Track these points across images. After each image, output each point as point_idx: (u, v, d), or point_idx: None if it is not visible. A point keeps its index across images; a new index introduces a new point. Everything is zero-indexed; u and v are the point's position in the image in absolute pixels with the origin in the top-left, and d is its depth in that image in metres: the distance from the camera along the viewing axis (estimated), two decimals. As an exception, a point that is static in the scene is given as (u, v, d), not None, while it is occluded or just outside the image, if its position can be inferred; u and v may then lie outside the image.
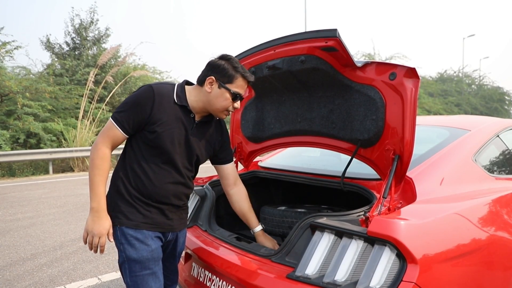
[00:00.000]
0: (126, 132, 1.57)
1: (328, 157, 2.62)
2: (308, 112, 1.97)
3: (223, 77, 1.60)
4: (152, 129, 1.56)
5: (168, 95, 1.60)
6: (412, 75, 1.57)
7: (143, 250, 1.56)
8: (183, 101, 1.62)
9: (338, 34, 1.59)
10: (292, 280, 1.39)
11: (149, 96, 1.56)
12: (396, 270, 1.25)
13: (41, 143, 11.29)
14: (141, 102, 1.55)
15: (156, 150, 1.59)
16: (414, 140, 1.58)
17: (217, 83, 1.61)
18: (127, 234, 1.56)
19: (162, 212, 1.63)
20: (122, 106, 1.57)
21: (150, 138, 1.58)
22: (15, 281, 3.21)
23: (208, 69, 1.63)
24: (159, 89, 1.59)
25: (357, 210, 1.56)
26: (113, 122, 1.56)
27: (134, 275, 1.56)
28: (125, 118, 1.55)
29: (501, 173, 2.12)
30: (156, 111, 1.56)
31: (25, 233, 4.62)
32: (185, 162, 1.67)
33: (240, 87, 1.63)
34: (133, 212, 1.58)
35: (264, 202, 2.49)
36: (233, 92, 1.61)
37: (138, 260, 1.55)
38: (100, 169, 1.53)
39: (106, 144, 1.56)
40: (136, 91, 1.60)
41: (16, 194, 7.31)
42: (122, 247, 1.57)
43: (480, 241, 1.50)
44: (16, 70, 14.82)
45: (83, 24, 14.99)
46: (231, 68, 1.61)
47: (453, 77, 32.88)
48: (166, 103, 1.59)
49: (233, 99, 1.63)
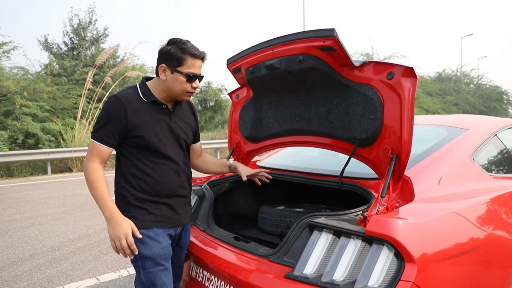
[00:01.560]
0: (110, 146, 1.62)
1: (326, 156, 2.62)
2: (306, 111, 1.97)
3: (173, 61, 1.63)
4: (134, 134, 1.62)
5: (135, 98, 1.65)
6: (410, 74, 1.57)
7: (155, 247, 1.62)
8: (151, 97, 1.67)
9: (335, 33, 1.59)
10: (290, 280, 1.39)
11: (119, 105, 1.59)
12: (394, 269, 1.25)
13: (40, 144, 11.27)
14: (113, 114, 1.59)
15: (148, 150, 1.65)
16: (412, 139, 1.58)
17: (169, 69, 1.64)
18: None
19: (170, 207, 1.70)
20: (97, 124, 1.62)
21: (137, 142, 1.63)
22: (13, 281, 3.20)
23: (159, 58, 1.66)
24: (125, 96, 1.63)
25: (355, 210, 1.56)
26: (95, 141, 1.61)
27: (147, 272, 1.62)
28: (104, 134, 1.59)
29: (499, 172, 2.13)
30: (131, 117, 1.60)
31: (24, 234, 4.61)
32: (177, 151, 1.74)
33: (191, 67, 1.64)
34: (144, 214, 1.64)
35: (262, 201, 2.49)
36: (185, 74, 1.63)
37: (151, 257, 1.61)
38: (97, 182, 1.58)
39: (94, 161, 1.61)
40: (104, 105, 1.64)
41: (14, 195, 7.29)
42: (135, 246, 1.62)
43: (478, 240, 1.50)
44: (14, 71, 14.81)
45: (81, 24, 14.97)
46: (178, 51, 1.62)
47: (451, 76, 32.95)
48: (138, 106, 1.63)
49: (188, 81, 1.65)
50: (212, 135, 16.60)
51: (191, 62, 1.63)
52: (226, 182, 2.35)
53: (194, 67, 1.65)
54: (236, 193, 2.47)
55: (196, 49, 1.65)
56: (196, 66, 1.65)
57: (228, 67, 2.17)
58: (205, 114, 18.61)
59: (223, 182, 2.33)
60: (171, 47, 1.63)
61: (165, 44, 1.66)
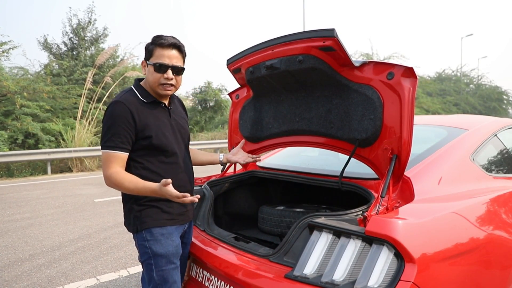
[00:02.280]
0: (126, 150, 1.60)
1: (326, 156, 2.62)
2: (306, 111, 1.97)
3: (146, 55, 1.68)
4: (143, 135, 1.62)
5: (136, 100, 1.65)
6: (410, 74, 1.57)
7: (169, 245, 1.65)
8: (149, 97, 1.69)
9: (335, 33, 1.59)
10: (290, 280, 1.39)
11: (124, 109, 1.59)
12: (394, 269, 1.25)
13: (40, 144, 11.26)
14: (121, 119, 1.58)
15: (156, 150, 1.66)
16: (412, 139, 1.58)
17: (146, 64, 1.68)
18: (153, 232, 1.64)
19: (181, 204, 1.71)
20: (107, 134, 1.58)
21: (145, 144, 1.63)
22: (13, 281, 3.20)
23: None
24: (126, 100, 1.63)
25: (355, 210, 1.56)
26: (110, 151, 1.57)
27: (160, 270, 1.63)
28: (119, 140, 1.57)
29: (499, 172, 2.13)
30: (138, 119, 1.61)
31: (23, 234, 4.61)
32: (181, 147, 1.77)
33: (160, 57, 1.64)
34: (158, 213, 1.66)
35: (262, 201, 2.50)
36: (153, 64, 1.64)
37: (165, 255, 1.63)
38: (123, 180, 1.55)
39: (113, 168, 1.57)
40: (108, 114, 1.60)
41: (14, 195, 7.29)
42: (148, 244, 1.63)
43: (478, 240, 1.50)
44: (14, 71, 14.80)
45: (80, 24, 14.96)
46: (149, 44, 1.67)
47: (451, 76, 32.93)
48: (140, 107, 1.64)
49: (156, 70, 1.64)
50: (212, 135, 16.60)
51: (158, 52, 1.64)
52: (226, 182, 2.35)
53: (162, 57, 1.64)
54: (236, 193, 2.47)
55: (164, 38, 1.65)
56: (164, 56, 1.64)
57: (228, 67, 2.17)
58: (205, 114, 18.58)
59: (223, 182, 2.33)
60: (148, 44, 1.68)
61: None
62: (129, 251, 3.87)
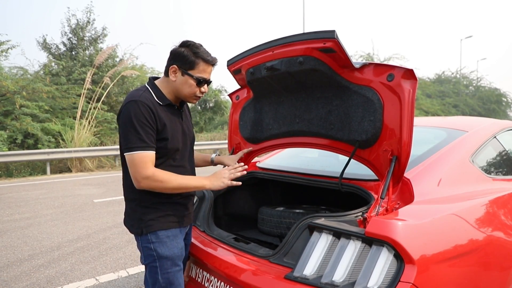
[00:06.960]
0: (154, 149, 1.58)
1: (326, 158, 2.63)
2: (306, 113, 1.97)
3: (185, 64, 1.63)
4: (160, 136, 1.60)
5: (152, 100, 1.62)
6: (410, 76, 1.57)
7: (174, 247, 1.65)
8: (165, 100, 1.66)
9: (336, 35, 1.60)
10: (290, 281, 1.39)
11: (144, 108, 1.55)
12: (393, 270, 1.25)
13: (39, 144, 11.25)
14: (143, 117, 1.54)
15: (168, 153, 1.65)
16: (411, 141, 1.59)
17: (180, 71, 1.64)
18: (159, 234, 1.63)
19: (185, 206, 1.73)
20: (131, 135, 1.53)
21: (160, 145, 1.61)
22: (12, 282, 3.20)
23: (171, 58, 1.66)
24: (147, 99, 1.59)
25: (355, 211, 1.56)
26: (140, 151, 1.53)
27: (166, 272, 1.63)
28: (147, 139, 1.54)
29: (498, 174, 2.13)
30: (157, 118, 1.59)
31: (23, 234, 4.61)
32: (189, 150, 1.79)
33: (202, 72, 1.65)
34: (164, 216, 1.65)
35: (262, 203, 2.50)
36: (196, 78, 1.64)
37: (170, 257, 1.63)
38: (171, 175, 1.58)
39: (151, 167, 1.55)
40: (131, 113, 1.54)
41: (13, 195, 7.28)
42: (153, 246, 1.62)
43: (477, 242, 1.51)
44: (14, 71, 14.78)
45: (79, 24, 14.95)
46: (191, 54, 1.62)
47: (450, 78, 33.00)
48: (157, 107, 1.62)
49: (198, 85, 1.65)
50: (212, 136, 16.59)
51: (203, 67, 1.64)
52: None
53: (205, 72, 1.65)
54: (235, 194, 2.47)
55: (209, 55, 1.66)
56: (207, 72, 1.66)
57: (229, 68, 2.17)
58: (204, 115, 18.58)
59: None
60: (185, 49, 1.62)
61: (178, 46, 1.65)
62: (128, 252, 3.87)
